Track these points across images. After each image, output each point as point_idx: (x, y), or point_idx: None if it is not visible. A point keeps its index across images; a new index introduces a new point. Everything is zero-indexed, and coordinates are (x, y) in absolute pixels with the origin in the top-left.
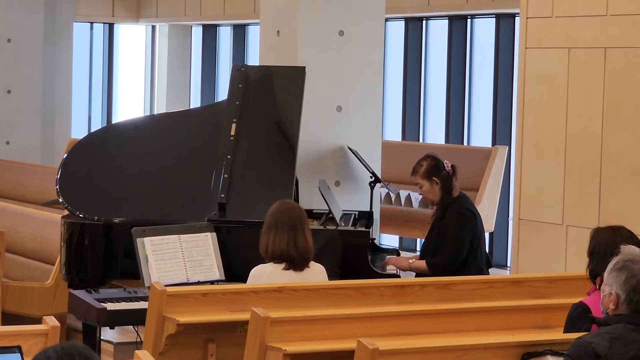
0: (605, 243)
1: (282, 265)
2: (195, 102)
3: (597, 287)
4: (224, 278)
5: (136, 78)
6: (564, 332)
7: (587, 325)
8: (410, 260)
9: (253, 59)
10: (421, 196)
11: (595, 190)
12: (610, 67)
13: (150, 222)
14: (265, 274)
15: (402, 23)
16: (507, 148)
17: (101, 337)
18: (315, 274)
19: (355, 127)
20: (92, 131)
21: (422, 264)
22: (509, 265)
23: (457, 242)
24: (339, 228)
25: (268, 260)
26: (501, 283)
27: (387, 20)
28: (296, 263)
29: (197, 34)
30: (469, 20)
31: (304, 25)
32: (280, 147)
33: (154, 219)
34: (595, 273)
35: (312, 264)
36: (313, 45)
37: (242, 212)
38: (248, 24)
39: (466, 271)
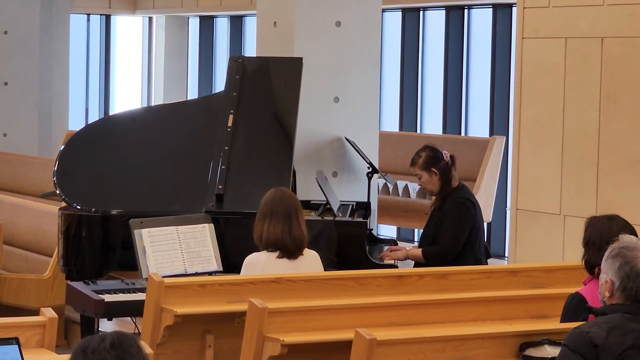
0: (600, 232)
1: (276, 254)
2: (192, 93)
3: (596, 276)
4: (221, 269)
5: (133, 70)
6: (560, 322)
7: (584, 316)
8: (407, 248)
9: (250, 50)
10: (419, 187)
11: (593, 180)
12: (607, 56)
13: (147, 214)
14: (260, 263)
15: (399, 14)
16: (505, 138)
17: (99, 329)
18: (310, 261)
19: (353, 118)
20: (89, 123)
21: (419, 252)
22: (506, 255)
23: (455, 232)
24: (337, 219)
25: (262, 248)
26: (499, 273)
27: (384, 10)
28: (290, 252)
29: (194, 25)
30: (466, 10)
31: (301, 16)
32: (277, 138)
33: (151, 210)
34: (591, 263)
35: (306, 251)
36: (310, 36)
37: (239, 203)
38: (245, 15)
39: (464, 261)
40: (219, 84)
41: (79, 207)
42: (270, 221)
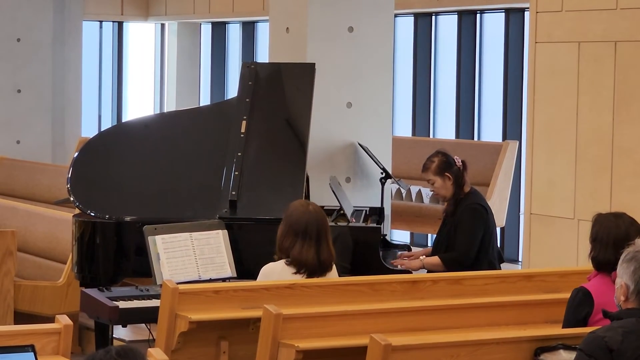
0: (607, 230)
1: (294, 269)
2: (204, 99)
3: (613, 282)
4: (235, 275)
5: (146, 76)
6: (564, 318)
7: (588, 310)
8: (421, 257)
9: (262, 56)
10: (432, 192)
11: (607, 184)
12: (620, 60)
13: (161, 220)
14: (275, 273)
15: (412, 18)
16: (518, 143)
17: (113, 336)
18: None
19: (366, 123)
20: (102, 130)
21: (435, 260)
22: (520, 260)
23: (469, 237)
24: (350, 224)
25: (279, 258)
26: (513, 278)
27: (396, 15)
28: (314, 273)
29: (206, 31)
30: (478, 15)
31: (313, 22)
32: (290, 143)
33: (165, 216)
34: (598, 260)
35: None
36: (322, 42)
37: (253, 209)
38: (257, 21)
39: (478, 266)
40: (232, 90)
41: (92, 214)
42: (303, 242)
